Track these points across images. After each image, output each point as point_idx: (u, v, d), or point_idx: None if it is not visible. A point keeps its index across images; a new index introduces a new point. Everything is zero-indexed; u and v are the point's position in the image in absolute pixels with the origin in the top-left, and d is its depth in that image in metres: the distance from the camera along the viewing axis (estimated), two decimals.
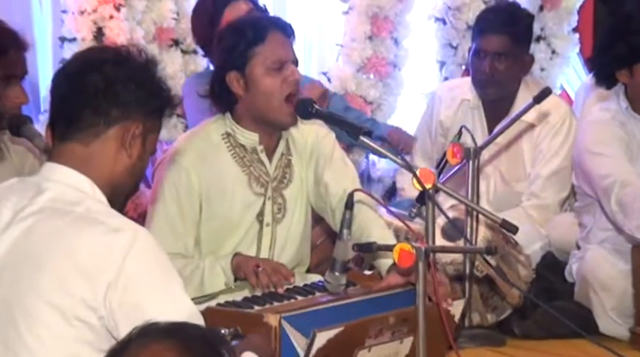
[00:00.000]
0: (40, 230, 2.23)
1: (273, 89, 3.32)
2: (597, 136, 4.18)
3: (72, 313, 2.18)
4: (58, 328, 2.18)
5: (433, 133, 4.86)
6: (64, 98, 2.35)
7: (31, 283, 2.19)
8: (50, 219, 2.24)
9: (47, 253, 2.20)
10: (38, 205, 2.26)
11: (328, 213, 3.46)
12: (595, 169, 4.14)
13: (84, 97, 2.31)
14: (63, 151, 2.33)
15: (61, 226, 2.22)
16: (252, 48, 3.32)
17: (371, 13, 5.36)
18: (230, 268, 3.30)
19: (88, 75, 2.32)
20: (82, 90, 2.32)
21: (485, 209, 3.81)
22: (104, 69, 2.32)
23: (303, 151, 3.50)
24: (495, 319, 4.05)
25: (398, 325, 2.96)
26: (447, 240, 4.02)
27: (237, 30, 3.37)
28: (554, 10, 5.82)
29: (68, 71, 2.38)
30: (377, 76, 5.42)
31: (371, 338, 2.91)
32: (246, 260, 3.31)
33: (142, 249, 2.22)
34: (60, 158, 2.33)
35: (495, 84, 4.60)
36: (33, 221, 2.24)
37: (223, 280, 3.29)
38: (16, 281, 2.21)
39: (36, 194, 2.28)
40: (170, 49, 4.95)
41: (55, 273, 2.18)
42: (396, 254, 2.71)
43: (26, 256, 2.22)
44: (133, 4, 4.74)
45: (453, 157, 3.73)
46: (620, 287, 4.13)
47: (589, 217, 4.33)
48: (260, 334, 2.74)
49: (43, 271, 2.19)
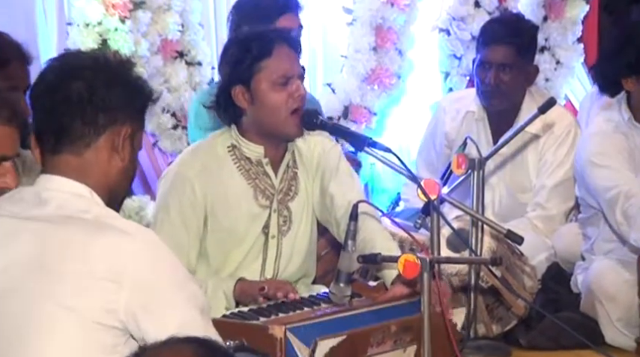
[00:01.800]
0: (53, 239, 2.22)
1: (278, 105, 3.31)
2: (600, 147, 4.18)
3: (92, 318, 2.18)
4: (77, 335, 2.17)
5: (438, 145, 4.86)
6: (48, 110, 2.32)
7: (49, 291, 2.18)
8: (62, 227, 2.23)
9: (63, 261, 2.19)
10: (45, 213, 2.26)
11: (333, 225, 3.45)
12: (599, 181, 4.14)
13: (69, 107, 2.29)
14: (56, 163, 2.33)
15: (74, 233, 2.22)
16: (257, 62, 3.30)
17: (375, 24, 5.36)
18: (232, 294, 3.29)
19: (70, 84, 2.30)
20: (67, 100, 2.29)
21: (491, 220, 3.81)
22: (85, 75, 2.31)
23: (309, 163, 3.50)
24: (501, 330, 4.04)
25: (400, 333, 2.96)
26: (452, 251, 4.02)
27: (243, 43, 3.36)
28: (558, 20, 5.83)
29: (48, 81, 2.35)
30: (381, 87, 5.43)
31: (373, 347, 2.91)
32: (250, 285, 3.30)
33: (156, 250, 2.25)
34: (54, 170, 2.33)
35: (500, 95, 4.60)
36: (43, 230, 2.23)
37: (224, 304, 3.28)
38: (30, 291, 2.19)
39: (39, 203, 2.28)
40: (175, 61, 4.96)
41: (73, 280, 2.18)
42: (400, 265, 2.71)
43: (40, 265, 2.21)
44: (138, 16, 4.75)
45: (458, 168, 3.73)
46: (626, 298, 4.12)
47: (593, 229, 4.32)
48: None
49: (60, 279, 2.18)
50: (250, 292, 3.25)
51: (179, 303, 2.24)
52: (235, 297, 3.28)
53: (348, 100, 5.38)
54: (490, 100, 4.63)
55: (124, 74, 2.36)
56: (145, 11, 4.77)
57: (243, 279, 3.33)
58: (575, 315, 4.21)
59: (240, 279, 3.33)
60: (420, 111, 5.62)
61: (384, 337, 2.93)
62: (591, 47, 5.99)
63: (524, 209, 4.67)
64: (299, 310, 3.11)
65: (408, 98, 5.61)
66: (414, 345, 2.97)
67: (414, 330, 2.97)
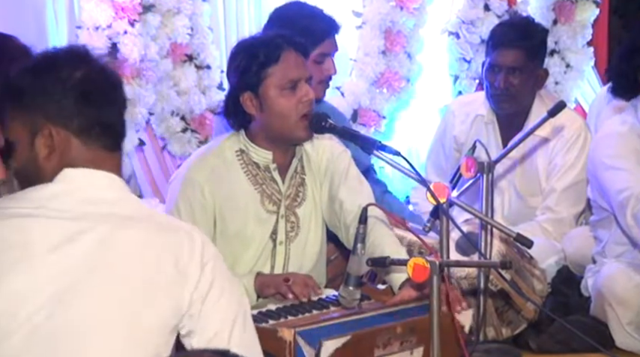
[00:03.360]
0: (117, 241, 2.18)
1: (288, 110, 3.31)
2: (614, 149, 4.16)
3: (167, 322, 2.19)
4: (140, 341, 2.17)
5: (447, 148, 4.85)
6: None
7: (119, 299, 2.15)
8: (124, 228, 2.20)
9: (134, 265, 2.17)
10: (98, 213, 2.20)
11: (342, 230, 3.45)
12: (611, 182, 4.12)
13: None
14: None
15: (139, 233, 2.20)
16: (265, 69, 3.30)
17: (384, 28, 5.36)
18: (253, 287, 3.30)
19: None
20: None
21: (500, 223, 3.80)
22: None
23: (317, 168, 3.50)
24: (510, 334, 4.03)
25: (406, 335, 2.96)
26: (462, 254, 4.01)
27: (250, 50, 3.35)
28: (568, 23, 5.82)
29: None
30: (390, 91, 5.43)
31: (379, 348, 2.92)
32: (272, 277, 3.31)
33: (212, 248, 2.28)
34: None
35: (510, 98, 4.59)
36: (105, 231, 2.18)
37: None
38: (95, 297, 2.14)
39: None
40: (184, 64, 4.96)
41: (146, 285, 2.17)
42: (410, 269, 2.70)
43: (107, 268, 2.16)
44: (147, 20, 4.76)
45: (467, 171, 3.73)
46: (637, 301, 4.11)
47: (604, 231, 4.31)
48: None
49: (133, 284, 2.16)
50: (274, 284, 3.26)
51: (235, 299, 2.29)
52: (256, 290, 3.29)
53: (357, 104, 5.38)
54: (499, 103, 4.63)
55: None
56: (155, 14, 4.78)
57: (261, 273, 3.35)
58: (585, 319, 4.20)
59: (259, 273, 3.34)
60: (429, 114, 5.62)
61: (390, 338, 2.93)
62: (601, 50, 5.99)
63: (534, 213, 4.66)
64: (308, 313, 3.11)
65: (417, 102, 5.60)
66: (422, 347, 2.97)
67: (420, 331, 2.97)
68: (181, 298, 2.20)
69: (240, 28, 5.27)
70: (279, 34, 3.42)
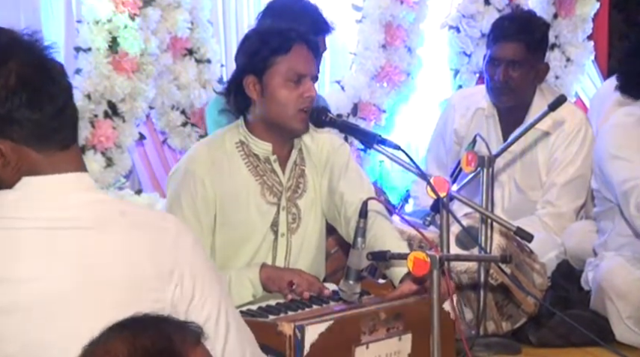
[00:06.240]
0: (90, 247, 2.10)
1: (287, 102, 3.32)
2: (619, 139, 4.16)
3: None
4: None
5: (448, 142, 4.85)
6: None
7: (104, 304, 2.08)
8: (98, 233, 2.11)
9: (114, 268, 2.11)
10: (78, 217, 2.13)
11: (342, 222, 3.45)
12: (615, 172, 4.12)
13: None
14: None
15: (114, 236, 2.12)
16: (274, 56, 3.31)
17: (385, 22, 5.36)
18: (259, 280, 3.29)
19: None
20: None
21: (500, 217, 3.80)
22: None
23: (317, 160, 3.50)
24: (510, 328, 4.03)
25: (391, 321, 2.97)
26: (462, 248, 4.01)
27: (263, 36, 3.37)
28: (568, 17, 5.82)
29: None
30: (390, 85, 5.43)
31: (366, 334, 2.92)
32: (278, 274, 3.29)
33: (189, 238, 2.23)
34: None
35: (510, 92, 4.59)
36: (83, 235, 2.10)
37: (251, 292, 3.28)
38: (81, 306, 2.08)
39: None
40: (184, 58, 4.96)
41: (129, 285, 2.12)
42: (410, 262, 2.70)
43: (89, 275, 2.09)
44: (147, 14, 4.75)
45: (468, 165, 3.73)
46: (637, 295, 4.11)
47: (608, 223, 4.31)
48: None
49: (117, 286, 2.10)
50: (278, 283, 3.25)
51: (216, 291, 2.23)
52: (262, 283, 3.28)
53: (357, 98, 5.38)
54: (499, 96, 4.62)
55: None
56: (155, 9, 4.77)
57: (265, 264, 3.34)
58: (585, 312, 4.20)
59: (263, 264, 3.33)
60: (429, 108, 5.62)
61: (375, 324, 2.94)
62: (601, 45, 5.99)
63: (534, 207, 4.66)
64: (308, 307, 3.11)
65: (417, 96, 5.61)
66: (409, 333, 2.97)
67: (407, 318, 2.97)
68: (164, 295, 2.14)
69: (239, 23, 5.28)
70: (294, 28, 3.42)
